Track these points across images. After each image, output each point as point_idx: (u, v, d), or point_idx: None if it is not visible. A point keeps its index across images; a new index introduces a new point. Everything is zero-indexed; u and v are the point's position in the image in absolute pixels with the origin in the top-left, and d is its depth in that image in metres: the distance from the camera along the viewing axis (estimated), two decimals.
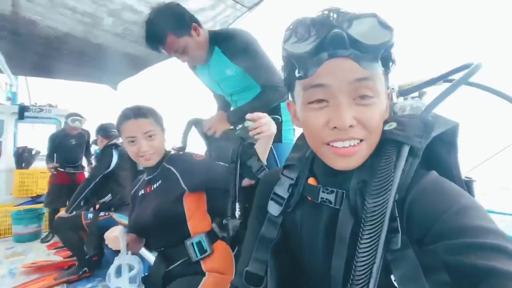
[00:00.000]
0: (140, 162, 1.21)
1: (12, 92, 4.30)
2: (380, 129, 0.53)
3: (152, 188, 1.20)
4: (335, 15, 0.50)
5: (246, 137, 1.03)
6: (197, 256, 1.07)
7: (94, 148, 3.49)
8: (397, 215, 0.46)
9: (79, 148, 3.49)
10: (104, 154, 2.56)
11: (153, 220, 1.11)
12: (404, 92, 0.86)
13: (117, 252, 1.11)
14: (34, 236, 3.47)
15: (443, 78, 0.81)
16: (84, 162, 3.66)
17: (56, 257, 2.90)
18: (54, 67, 3.17)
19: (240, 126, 1.09)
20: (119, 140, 2.79)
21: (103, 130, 2.74)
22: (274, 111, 1.55)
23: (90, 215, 2.41)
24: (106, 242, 1.14)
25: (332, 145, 0.52)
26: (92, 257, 2.48)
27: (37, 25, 2.34)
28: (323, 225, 0.58)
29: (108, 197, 2.54)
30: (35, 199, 3.93)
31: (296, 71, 0.52)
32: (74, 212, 2.43)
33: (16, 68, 3.35)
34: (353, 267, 0.45)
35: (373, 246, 0.44)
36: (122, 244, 1.09)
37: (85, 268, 2.41)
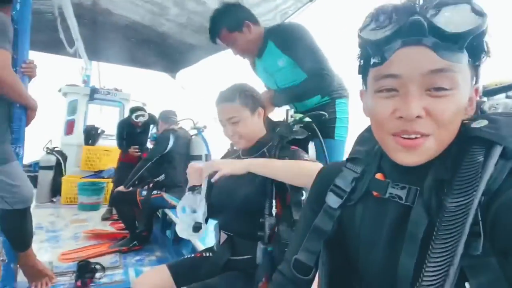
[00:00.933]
0: (234, 144, 1.25)
1: (87, 76, 4.76)
2: (456, 126, 0.48)
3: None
4: (421, 1, 0.46)
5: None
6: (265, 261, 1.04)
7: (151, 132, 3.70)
8: (480, 219, 0.42)
9: (144, 134, 3.72)
10: (162, 138, 2.77)
11: (239, 205, 1.09)
12: (489, 93, 0.76)
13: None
14: (95, 207, 3.84)
15: None
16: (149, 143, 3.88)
17: (111, 228, 3.16)
18: (121, 53, 3.43)
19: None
20: (178, 125, 3.00)
21: (164, 116, 2.97)
22: (328, 107, 1.51)
23: (144, 193, 2.63)
24: (188, 172, 1.18)
25: (396, 136, 0.49)
26: (142, 232, 2.66)
27: (111, 14, 2.54)
28: (389, 222, 0.54)
29: (162, 177, 2.74)
30: (97, 174, 4.33)
31: (371, 58, 0.50)
32: (131, 188, 2.66)
33: (91, 53, 3.69)
34: (424, 267, 0.42)
35: (451, 247, 0.41)
36: (204, 181, 1.10)
37: (135, 242, 2.59)
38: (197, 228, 1.05)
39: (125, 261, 2.35)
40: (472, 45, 0.44)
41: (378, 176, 0.58)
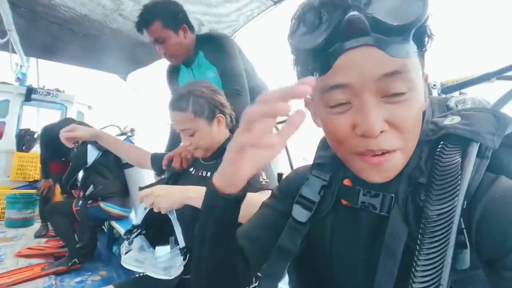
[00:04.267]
0: None
1: (22, 73, 4.24)
2: (418, 127, 0.44)
3: (203, 174, 1.10)
4: None
5: None
6: None
7: None
8: (463, 226, 0.38)
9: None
10: (80, 152, 2.61)
11: (188, 216, 0.96)
12: (447, 90, 0.76)
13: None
14: (27, 222, 3.37)
15: (499, 74, 0.71)
16: None
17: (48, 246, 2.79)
18: (65, 50, 3.10)
19: None
20: None
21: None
22: None
23: (80, 202, 2.46)
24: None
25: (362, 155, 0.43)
26: (83, 248, 2.42)
27: (54, 4, 2.27)
28: (363, 235, 0.48)
29: (91, 189, 2.56)
30: (32, 184, 3.83)
31: (309, 68, 0.43)
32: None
33: (28, 48, 3.28)
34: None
35: (438, 263, 0.37)
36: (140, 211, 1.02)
37: (75, 259, 2.31)
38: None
39: (63, 284, 2.05)
40: (417, 33, 0.40)
41: (347, 182, 0.52)
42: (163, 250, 1.01)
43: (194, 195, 0.91)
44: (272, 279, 0.54)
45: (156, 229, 1.18)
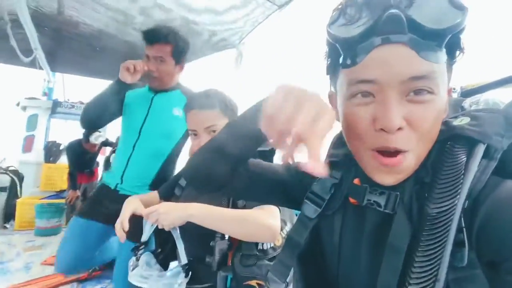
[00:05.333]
0: None
1: (48, 88, 4.48)
2: (434, 135, 0.44)
3: None
4: None
5: None
6: None
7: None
8: (463, 225, 0.39)
9: (94, 158, 3.62)
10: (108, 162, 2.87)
11: (191, 226, 0.96)
12: (467, 94, 0.73)
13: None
14: (55, 231, 3.51)
15: None
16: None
17: None
18: (86, 64, 3.26)
19: None
20: None
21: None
22: None
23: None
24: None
25: (377, 151, 0.43)
26: None
27: (75, 22, 2.39)
28: (368, 232, 0.49)
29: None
30: (59, 194, 4.01)
31: (341, 58, 0.44)
32: None
33: (53, 64, 3.47)
34: (407, 284, 0.38)
35: (436, 259, 0.37)
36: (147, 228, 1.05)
37: (96, 266, 2.37)
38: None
39: None
40: (450, 42, 0.40)
41: (356, 181, 0.53)
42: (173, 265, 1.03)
43: (196, 212, 0.92)
44: (284, 267, 0.57)
45: (172, 244, 1.19)
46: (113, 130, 3.88)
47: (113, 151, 3.02)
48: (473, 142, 0.42)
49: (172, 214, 0.92)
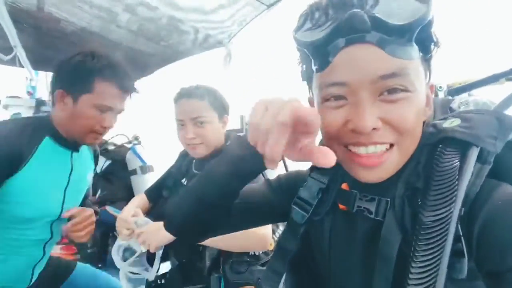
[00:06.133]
0: (188, 151, 1.08)
1: (31, 87, 4.35)
2: (419, 132, 0.43)
3: None
4: None
5: None
6: None
7: None
8: (461, 234, 0.37)
9: None
10: None
11: None
12: (454, 92, 0.72)
13: None
14: None
15: (508, 74, 0.67)
16: None
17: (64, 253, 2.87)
18: None
19: None
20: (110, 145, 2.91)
21: None
22: None
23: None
24: (117, 225, 1.07)
25: (351, 150, 0.42)
26: (95, 253, 2.54)
27: (55, 19, 2.30)
28: (359, 240, 0.48)
29: (99, 193, 2.74)
30: None
31: (312, 63, 0.44)
32: None
33: (35, 62, 3.36)
34: None
35: (432, 272, 0.35)
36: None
37: (88, 264, 2.37)
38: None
39: None
40: (420, 37, 0.40)
41: (344, 186, 0.52)
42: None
43: None
44: (275, 274, 0.55)
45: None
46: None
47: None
48: (465, 145, 0.40)
49: (158, 235, 0.91)
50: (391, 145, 0.42)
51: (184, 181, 1.16)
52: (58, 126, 1.04)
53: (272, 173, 1.00)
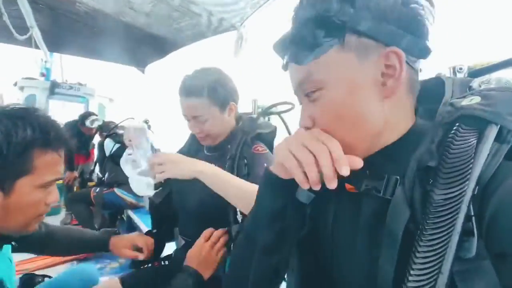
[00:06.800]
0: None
1: (46, 68, 4.42)
2: (343, 124, 0.45)
3: None
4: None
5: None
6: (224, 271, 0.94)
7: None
8: (472, 213, 0.36)
9: (90, 140, 3.65)
10: (100, 144, 3.01)
11: (194, 208, 0.99)
12: (475, 74, 0.70)
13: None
14: (55, 211, 3.56)
15: None
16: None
17: None
18: (83, 45, 3.20)
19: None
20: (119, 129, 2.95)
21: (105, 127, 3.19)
22: None
23: (97, 189, 2.69)
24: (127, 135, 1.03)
25: None
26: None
27: (72, 0, 2.32)
28: (366, 220, 0.47)
29: (107, 176, 2.87)
30: None
31: None
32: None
33: (51, 44, 3.40)
34: (407, 276, 0.36)
35: (440, 249, 0.35)
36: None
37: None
38: (155, 186, 1.02)
39: None
40: (322, 30, 0.44)
41: None
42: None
43: (206, 170, 0.87)
44: None
45: (168, 225, 1.20)
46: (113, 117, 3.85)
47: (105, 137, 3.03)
48: (484, 123, 0.38)
49: (180, 166, 0.88)
50: None
51: None
52: None
53: None
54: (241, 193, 0.84)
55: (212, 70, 1.03)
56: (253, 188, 0.85)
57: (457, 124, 0.40)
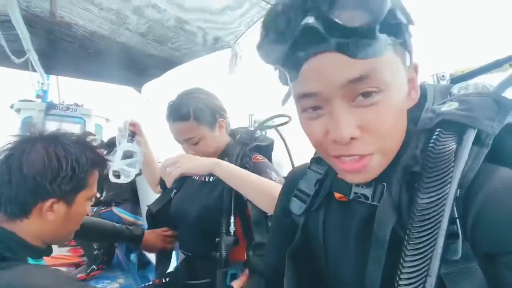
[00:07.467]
0: None
1: (43, 90, 4.45)
2: (401, 127, 0.44)
3: (206, 179, 1.07)
4: None
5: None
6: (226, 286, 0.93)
7: None
8: (456, 216, 0.37)
9: None
10: None
11: (194, 220, 0.99)
12: (456, 80, 0.73)
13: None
14: None
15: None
16: None
17: (71, 255, 2.90)
18: (80, 66, 3.23)
19: None
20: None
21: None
22: None
23: (94, 209, 2.62)
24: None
25: (337, 158, 0.44)
26: (101, 255, 2.51)
27: (67, 23, 2.36)
28: (356, 226, 0.48)
29: (103, 194, 2.80)
30: None
31: (283, 75, 0.44)
32: None
33: (47, 66, 3.43)
34: (397, 279, 0.36)
35: (427, 253, 0.35)
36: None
37: (93, 266, 2.39)
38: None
39: None
40: (386, 25, 0.36)
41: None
42: None
43: (223, 165, 0.88)
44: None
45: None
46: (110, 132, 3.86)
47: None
48: (462, 127, 0.40)
49: (194, 160, 0.91)
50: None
51: (194, 176, 1.17)
52: (33, 238, 0.81)
53: (279, 171, 1.01)
54: (258, 185, 0.85)
55: (195, 90, 1.07)
56: (270, 184, 0.87)
57: (438, 129, 0.42)
